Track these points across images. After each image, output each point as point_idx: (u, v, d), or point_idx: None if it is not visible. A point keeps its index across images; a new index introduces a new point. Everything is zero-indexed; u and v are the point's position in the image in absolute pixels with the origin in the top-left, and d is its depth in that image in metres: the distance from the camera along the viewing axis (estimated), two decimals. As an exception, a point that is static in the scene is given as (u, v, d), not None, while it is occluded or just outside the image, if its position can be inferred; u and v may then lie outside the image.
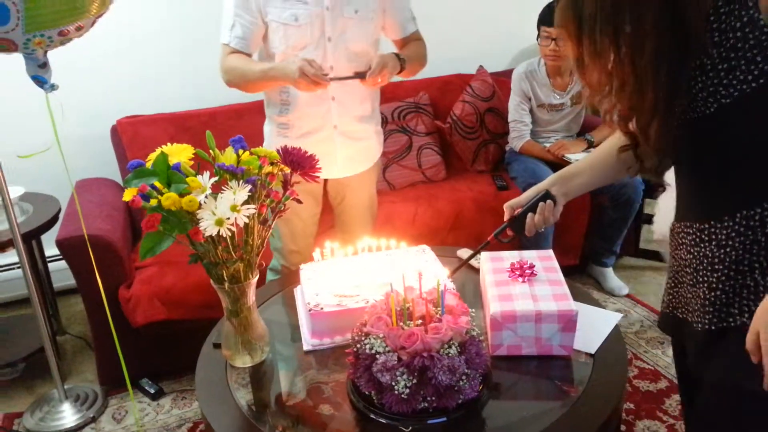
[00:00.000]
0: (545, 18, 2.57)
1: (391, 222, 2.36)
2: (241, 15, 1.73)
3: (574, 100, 2.72)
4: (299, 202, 1.31)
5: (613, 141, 1.20)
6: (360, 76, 1.74)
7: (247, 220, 1.11)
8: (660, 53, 0.87)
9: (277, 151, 1.27)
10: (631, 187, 2.52)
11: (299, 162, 1.24)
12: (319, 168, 1.28)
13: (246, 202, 1.14)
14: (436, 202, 2.51)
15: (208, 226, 1.07)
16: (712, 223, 0.96)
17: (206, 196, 1.11)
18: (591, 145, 2.69)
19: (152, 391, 2.20)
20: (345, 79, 1.75)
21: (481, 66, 2.95)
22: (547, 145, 2.70)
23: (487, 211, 2.51)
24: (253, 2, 1.72)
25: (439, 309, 1.25)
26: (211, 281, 1.33)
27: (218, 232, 1.08)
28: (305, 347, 1.45)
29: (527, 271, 1.45)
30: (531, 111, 2.71)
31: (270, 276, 2.11)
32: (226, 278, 1.29)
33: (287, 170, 1.30)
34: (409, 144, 2.68)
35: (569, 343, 1.36)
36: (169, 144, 1.24)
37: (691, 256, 1.02)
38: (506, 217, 1.29)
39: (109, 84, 2.71)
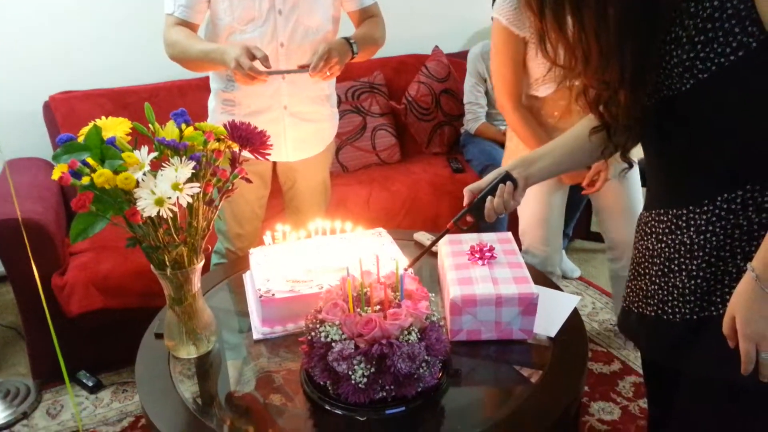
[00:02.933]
0: None
1: (345, 205, 2.29)
2: None
3: (528, 80, 2.69)
4: (248, 181, 1.22)
5: (580, 125, 1.15)
6: (306, 69, 1.61)
7: (190, 200, 1.01)
8: (624, 24, 0.83)
9: (225, 125, 1.17)
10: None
11: (248, 138, 1.15)
12: (270, 145, 1.20)
13: (190, 181, 1.05)
14: (391, 184, 2.45)
15: (146, 206, 0.98)
16: (691, 208, 0.92)
17: (144, 174, 1.01)
18: None
19: (90, 384, 2.07)
20: (286, 73, 1.64)
21: (436, 46, 2.89)
22: (503, 127, 2.68)
23: (444, 194, 2.46)
24: None
25: (397, 294, 1.19)
26: (152, 267, 1.23)
27: (158, 212, 0.98)
28: (255, 336, 1.37)
29: (487, 254, 1.41)
30: (486, 93, 2.68)
31: (214, 259, 2.01)
32: (168, 264, 1.19)
33: (235, 147, 1.21)
34: (363, 125, 2.61)
35: (529, 327, 1.33)
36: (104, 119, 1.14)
37: (663, 245, 0.98)
38: (466, 202, 1.23)
39: (41, 56, 2.51)
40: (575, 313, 1.43)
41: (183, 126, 1.16)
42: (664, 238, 0.98)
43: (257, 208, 1.93)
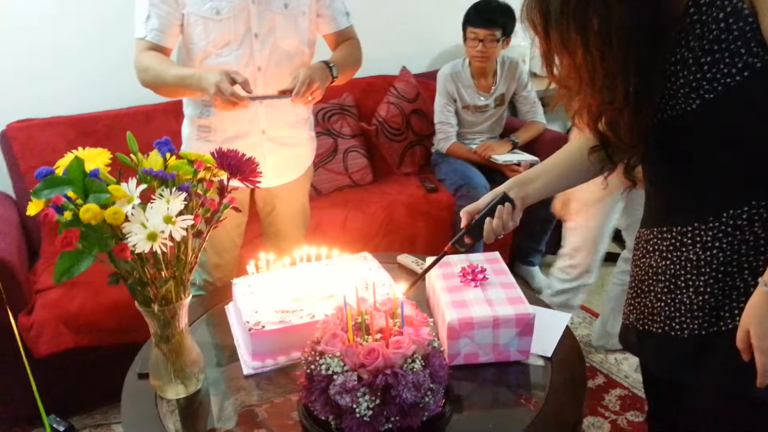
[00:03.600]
0: (471, 19, 2.56)
1: (321, 229, 2.25)
2: (156, 5, 1.55)
3: (498, 101, 2.73)
4: (237, 210, 1.18)
5: (575, 144, 1.16)
6: (287, 95, 1.58)
7: (184, 233, 0.96)
8: (629, 46, 0.83)
9: (212, 154, 1.13)
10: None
11: (237, 166, 1.11)
12: (260, 172, 1.16)
13: (180, 213, 1.00)
14: (366, 206, 2.43)
15: (138, 241, 0.92)
16: (696, 225, 0.93)
17: (134, 207, 0.96)
18: (515, 146, 2.71)
19: (62, 429, 1.94)
20: (268, 99, 1.60)
21: (404, 67, 2.90)
22: (473, 146, 2.69)
23: (419, 215, 2.45)
24: None
25: (397, 321, 1.16)
26: (137, 304, 1.16)
27: (151, 248, 0.93)
28: (246, 371, 1.32)
29: (479, 275, 1.40)
30: (456, 112, 2.69)
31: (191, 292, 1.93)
32: (155, 300, 1.13)
33: (222, 175, 1.16)
34: (335, 147, 2.58)
35: (526, 348, 1.32)
36: (76, 150, 1.07)
37: (669, 262, 0.99)
38: (464, 224, 1.21)
39: (-4, 83, 2.41)
40: (568, 331, 1.43)
41: (168, 155, 1.12)
42: (669, 255, 0.99)
43: (236, 236, 1.88)
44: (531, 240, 2.72)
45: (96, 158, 1.09)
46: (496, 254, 1.54)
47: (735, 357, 0.88)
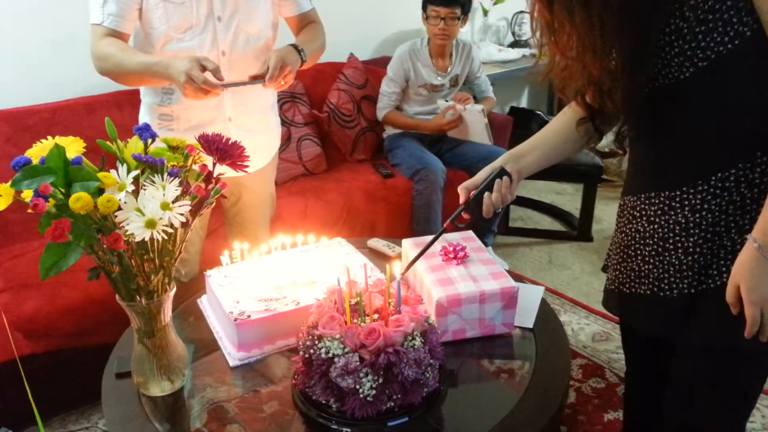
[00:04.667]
0: None
1: (282, 218, 2.21)
2: None
3: (452, 82, 2.78)
4: (224, 197, 1.14)
5: (563, 117, 1.19)
6: (258, 80, 1.53)
7: (183, 219, 0.93)
8: (627, 14, 0.87)
9: (198, 139, 1.09)
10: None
11: (226, 150, 1.08)
12: (248, 156, 1.13)
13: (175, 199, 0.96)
14: (325, 194, 2.41)
15: (137, 230, 0.88)
16: (685, 189, 0.97)
17: (126, 194, 0.91)
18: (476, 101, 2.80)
19: (16, 441, 1.84)
20: (241, 85, 1.54)
21: (351, 53, 2.88)
22: (414, 115, 2.74)
23: (378, 200, 2.46)
24: None
25: (391, 300, 1.17)
26: (118, 299, 1.11)
27: (150, 235, 0.89)
28: (231, 363, 1.28)
29: (460, 254, 1.42)
30: (410, 92, 2.73)
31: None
32: (141, 293, 1.08)
33: (204, 161, 1.13)
34: (288, 136, 2.54)
35: (511, 321, 1.35)
36: (17, 147, 1.00)
37: (656, 226, 1.03)
38: (462, 200, 1.22)
39: None
40: (544, 303, 1.48)
41: (149, 141, 1.07)
42: (657, 219, 1.03)
43: (200, 228, 1.82)
44: (484, 221, 2.78)
45: (69, 147, 1.03)
46: (470, 233, 1.57)
47: (724, 311, 0.94)
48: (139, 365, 1.19)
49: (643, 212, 1.06)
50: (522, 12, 3.79)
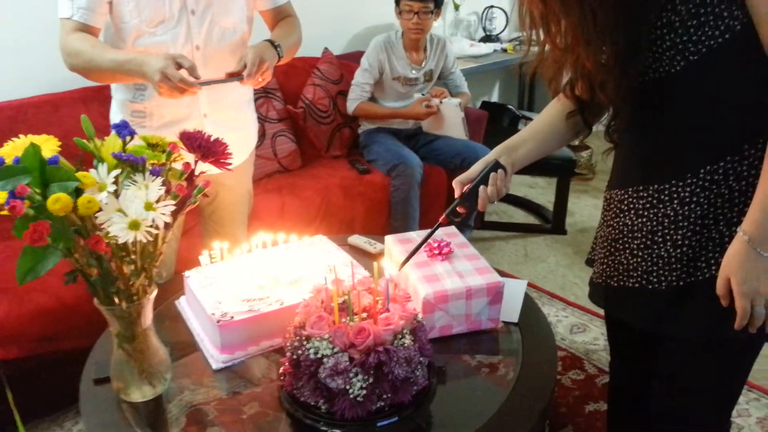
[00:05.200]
0: None
1: (258, 216, 2.17)
2: None
3: (427, 77, 2.77)
4: (206, 196, 1.11)
5: (552, 110, 1.19)
6: (236, 77, 1.49)
7: (168, 220, 0.90)
8: (619, 6, 0.88)
9: (179, 136, 1.06)
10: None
11: (208, 148, 1.04)
12: (230, 153, 1.10)
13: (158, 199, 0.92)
14: (302, 191, 2.37)
15: (120, 231, 0.85)
16: (674, 182, 0.98)
17: (107, 195, 0.88)
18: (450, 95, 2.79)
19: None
20: (218, 83, 1.50)
21: (326, 48, 2.85)
22: (388, 105, 2.73)
23: (356, 197, 2.44)
24: None
25: (379, 299, 1.15)
26: (96, 302, 1.07)
27: (134, 237, 0.86)
28: (214, 365, 1.25)
29: (445, 249, 1.41)
30: (383, 85, 2.71)
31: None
32: (121, 296, 1.05)
33: (184, 158, 1.09)
34: (263, 132, 2.49)
35: (496, 316, 1.35)
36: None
37: (645, 219, 1.04)
38: (457, 194, 1.21)
39: None
40: (527, 297, 1.48)
41: (128, 138, 1.03)
42: (645, 213, 1.04)
43: (176, 228, 1.76)
44: (467, 219, 2.79)
45: (43, 146, 0.98)
46: (453, 228, 1.57)
47: (713, 304, 0.95)
48: (118, 370, 1.15)
49: (631, 206, 1.07)
50: (492, 7, 3.80)
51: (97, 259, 0.96)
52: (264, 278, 1.40)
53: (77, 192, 0.90)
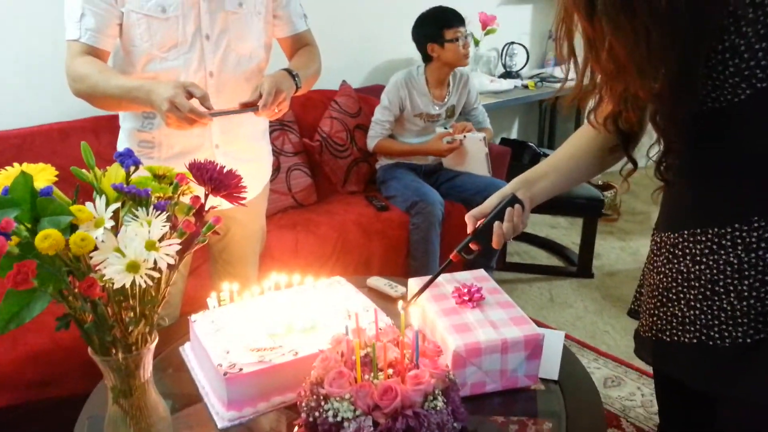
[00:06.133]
0: (451, 20, 2.53)
1: (271, 254, 2.06)
2: (92, 2, 1.34)
3: (449, 112, 2.69)
4: (217, 234, 1.00)
5: (578, 141, 1.11)
6: (250, 108, 1.39)
7: (172, 261, 0.78)
8: (675, 24, 0.79)
9: (188, 167, 0.95)
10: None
11: (221, 180, 0.94)
12: (244, 186, 0.99)
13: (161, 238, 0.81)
14: (317, 228, 2.26)
15: (116, 273, 0.73)
16: (737, 226, 0.87)
17: (104, 231, 0.76)
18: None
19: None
20: (231, 114, 1.40)
21: (344, 81, 2.78)
22: (413, 141, 2.65)
23: (373, 234, 2.32)
24: None
25: (407, 352, 1.02)
26: (91, 352, 0.95)
27: (133, 281, 0.74)
28: (220, 424, 1.12)
29: (476, 295, 1.28)
30: (405, 121, 2.63)
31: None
32: (118, 346, 0.92)
33: (194, 191, 0.98)
34: (278, 165, 2.40)
35: (534, 372, 1.21)
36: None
37: (703, 266, 0.92)
38: (470, 229, 1.11)
39: None
40: (566, 350, 1.35)
41: (132, 169, 0.93)
42: (704, 260, 0.92)
43: (182, 266, 1.65)
44: (482, 257, 2.66)
45: (39, 175, 0.88)
46: (483, 272, 1.44)
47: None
48: (113, 428, 1.02)
49: (687, 251, 0.95)
50: (513, 43, 3.75)
51: (92, 303, 0.84)
52: (276, 325, 1.28)
53: (72, 228, 0.79)
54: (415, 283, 1.38)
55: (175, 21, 1.39)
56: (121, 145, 1.56)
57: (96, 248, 0.77)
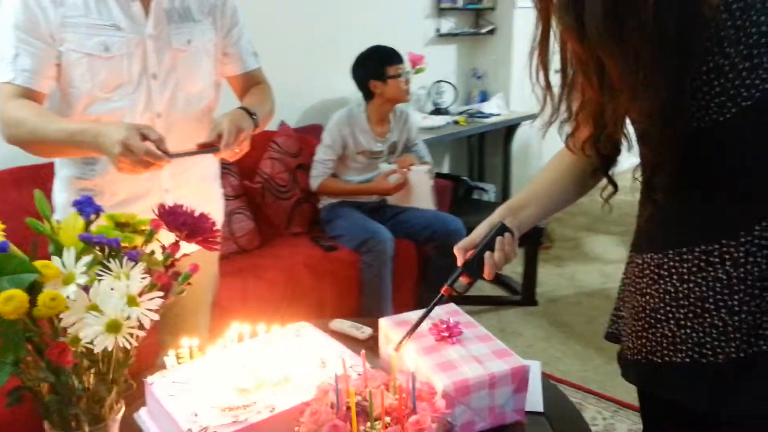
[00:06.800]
0: (393, 58, 2.59)
1: (219, 302, 1.93)
2: (26, 41, 1.23)
3: (390, 149, 2.69)
4: (190, 284, 0.91)
5: (559, 165, 1.11)
6: (210, 149, 1.31)
7: (155, 317, 0.69)
8: (663, 48, 0.80)
9: (156, 211, 0.87)
10: (456, 234, 2.51)
11: (196, 225, 0.86)
12: (218, 230, 0.91)
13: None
14: (264, 273, 2.17)
15: (96, 336, 0.64)
16: (724, 242, 0.88)
17: (76, 288, 0.67)
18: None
19: None
20: (190, 155, 1.32)
21: (282, 121, 2.72)
22: (355, 179, 2.63)
23: (324, 275, 2.25)
24: (43, 25, 1.24)
25: (405, 397, 0.96)
26: (47, 427, 0.83)
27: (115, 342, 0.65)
28: (193, 497, 1.01)
29: (456, 330, 1.24)
30: (347, 159, 2.62)
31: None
32: (83, 419, 0.81)
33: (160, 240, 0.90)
34: (219, 210, 2.30)
35: (521, 406, 1.18)
36: None
37: (692, 284, 0.93)
38: (460, 261, 1.08)
39: None
40: (546, 380, 1.32)
41: (92, 217, 0.83)
42: (692, 278, 0.93)
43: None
44: (432, 289, 2.63)
45: (-16, 229, 0.77)
46: (454, 305, 1.41)
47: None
48: None
49: (673, 270, 0.95)
50: (441, 81, 3.84)
51: (55, 372, 0.73)
52: (246, 380, 1.18)
53: (31, 288, 0.69)
54: (387, 324, 1.32)
55: (120, 60, 1.30)
56: (58, 195, 1.42)
57: (66, 308, 0.67)
